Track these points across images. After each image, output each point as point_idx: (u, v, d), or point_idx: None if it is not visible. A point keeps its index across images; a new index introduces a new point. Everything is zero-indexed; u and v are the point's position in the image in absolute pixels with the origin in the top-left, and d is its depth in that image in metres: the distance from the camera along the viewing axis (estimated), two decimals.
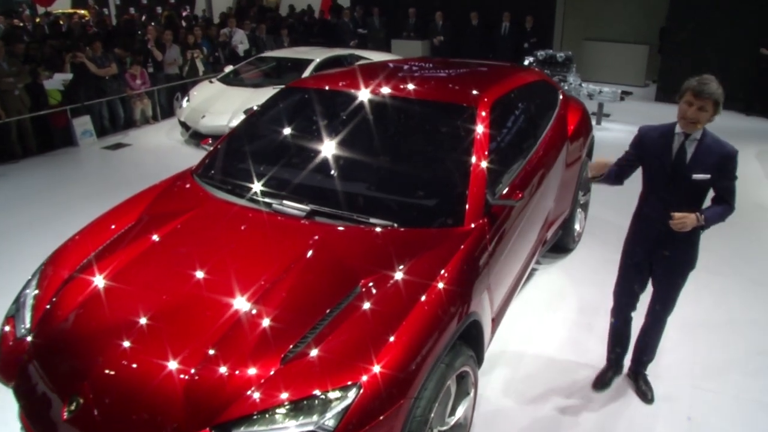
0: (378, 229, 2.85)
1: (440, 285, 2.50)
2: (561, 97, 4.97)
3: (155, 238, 2.95)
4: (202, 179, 3.48)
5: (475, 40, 13.47)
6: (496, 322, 3.25)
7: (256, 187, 3.24)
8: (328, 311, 2.38)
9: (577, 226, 5.23)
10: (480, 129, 3.28)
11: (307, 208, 3.00)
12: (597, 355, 3.66)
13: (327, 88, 3.86)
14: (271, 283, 2.53)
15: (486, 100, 3.50)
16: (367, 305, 2.39)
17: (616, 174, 3.14)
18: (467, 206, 2.95)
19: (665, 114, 2.83)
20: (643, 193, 3.10)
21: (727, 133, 2.92)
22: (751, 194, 6.86)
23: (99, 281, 2.70)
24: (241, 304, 2.45)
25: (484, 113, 3.38)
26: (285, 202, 3.07)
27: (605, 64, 13.44)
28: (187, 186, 3.46)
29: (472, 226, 2.89)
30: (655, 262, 3.15)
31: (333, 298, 2.44)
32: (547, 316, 4.26)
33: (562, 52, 10.55)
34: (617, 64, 13.42)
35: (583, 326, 4.11)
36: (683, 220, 2.82)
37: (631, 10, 13.77)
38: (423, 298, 2.42)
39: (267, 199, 3.12)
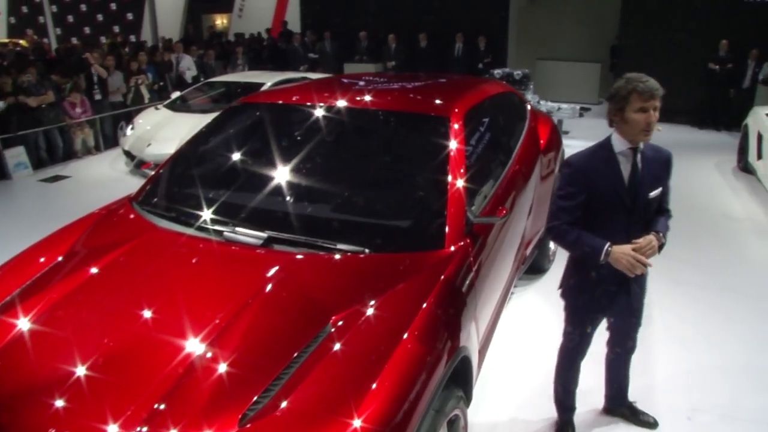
0: (347, 257, 2.49)
1: (425, 318, 2.15)
2: (529, 108, 4.75)
3: (91, 272, 2.52)
4: (143, 207, 3.05)
5: (428, 61, 13.35)
6: (482, 354, 2.91)
7: (205, 214, 2.84)
8: (295, 356, 1.99)
9: (551, 245, 4.97)
10: (455, 141, 2.98)
11: (263, 234, 2.61)
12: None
13: (284, 102, 3.50)
14: (227, 322, 2.13)
15: (458, 110, 3.20)
16: (341, 347, 2.01)
17: (576, 222, 2.51)
18: (447, 226, 2.61)
19: None
20: (593, 232, 2.49)
21: (683, 146, 2.78)
22: (718, 205, 6.80)
23: (23, 324, 2.25)
24: (193, 347, 2.04)
25: (457, 124, 3.09)
26: (238, 229, 2.68)
27: (559, 82, 13.51)
28: (125, 215, 3.03)
29: (453, 248, 2.56)
30: (610, 306, 2.68)
31: (300, 339, 2.05)
32: (530, 342, 3.95)
33: (519, 70, 10.49)
34: (571, 83, 13.51)
35: None
36: (653, 245, 2.42)
37: (581, 29, 13.96)
38: (406, 335, 2.06)
39: (217, 227, 2.73)
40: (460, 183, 2.79)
